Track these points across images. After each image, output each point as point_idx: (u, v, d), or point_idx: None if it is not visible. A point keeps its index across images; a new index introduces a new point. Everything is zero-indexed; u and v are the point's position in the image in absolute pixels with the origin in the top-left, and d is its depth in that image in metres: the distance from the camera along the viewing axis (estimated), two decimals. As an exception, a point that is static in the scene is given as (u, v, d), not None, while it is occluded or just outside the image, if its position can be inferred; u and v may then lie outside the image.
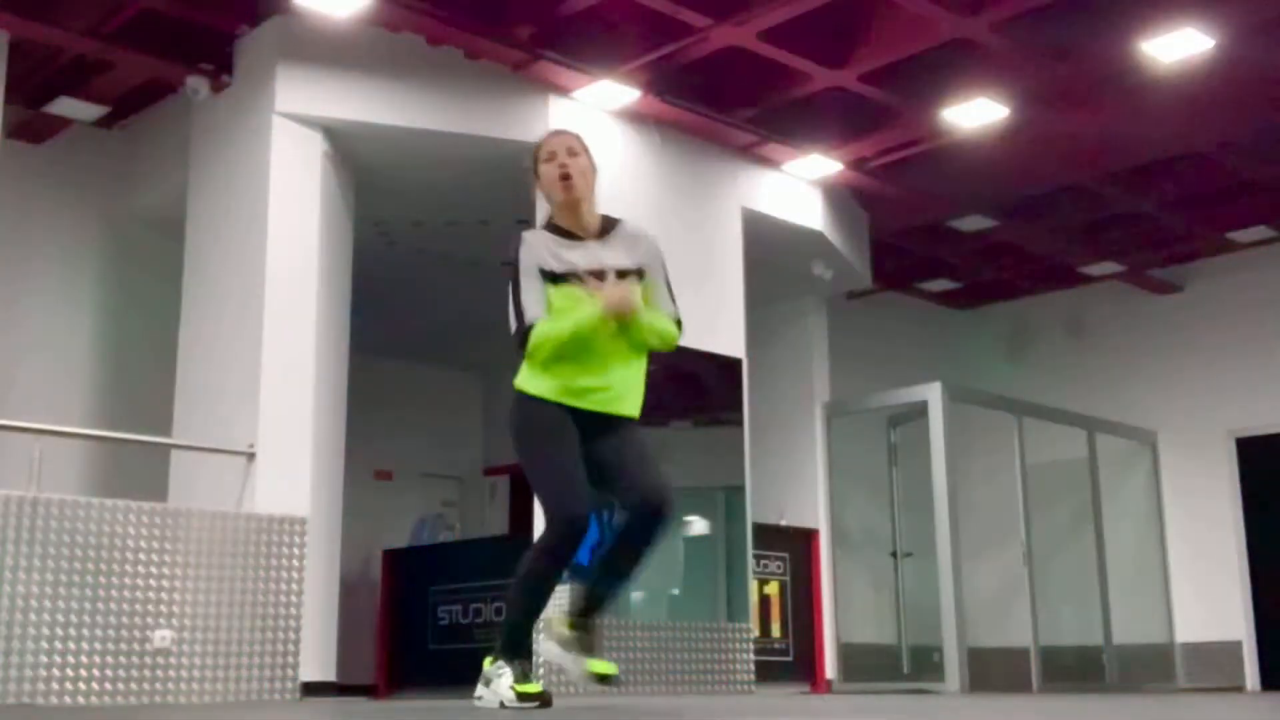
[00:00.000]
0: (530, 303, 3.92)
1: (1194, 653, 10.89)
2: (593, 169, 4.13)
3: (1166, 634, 11.01)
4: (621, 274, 3.98)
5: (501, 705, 3.87)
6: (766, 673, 8.43)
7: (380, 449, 11.10)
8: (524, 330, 3.90)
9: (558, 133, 4.24)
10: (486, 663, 4.00)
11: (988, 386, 10.95)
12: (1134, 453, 11.33)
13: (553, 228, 4.08)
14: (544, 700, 3.86)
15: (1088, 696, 7.77)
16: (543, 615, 4.01)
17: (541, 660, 4.02)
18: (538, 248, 3.98)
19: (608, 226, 4.10)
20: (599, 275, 3.94)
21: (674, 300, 4.15)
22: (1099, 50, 7.43)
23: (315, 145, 7.24)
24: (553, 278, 3.93)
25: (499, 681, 3.91)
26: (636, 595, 8.66)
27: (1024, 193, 9.72)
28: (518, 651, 3.96)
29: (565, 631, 3.94)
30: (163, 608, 6.07)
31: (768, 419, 9.28)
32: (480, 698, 3.97)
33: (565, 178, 4.03)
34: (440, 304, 10.63)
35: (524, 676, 3.91)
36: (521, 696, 3.84)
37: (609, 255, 4.02)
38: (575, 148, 4.09)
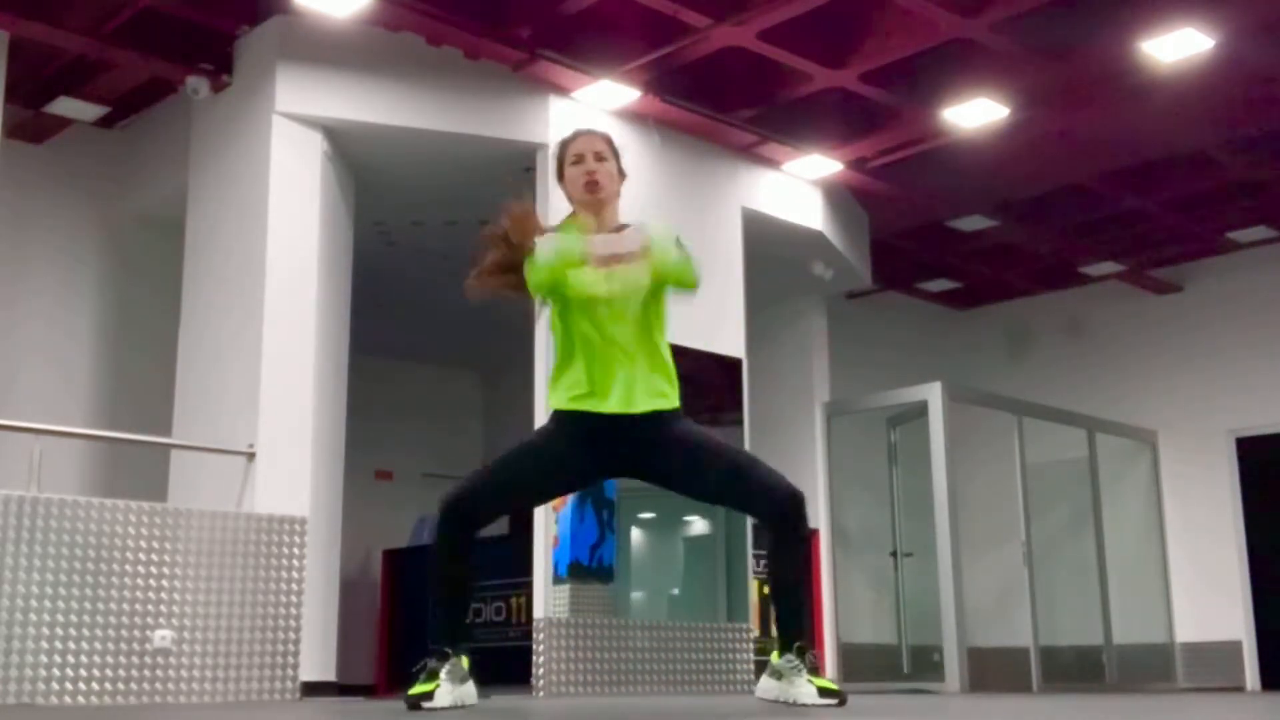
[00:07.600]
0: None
1: (1194, 653, 10.88)
2: (620, 175, 4.05)
3: (1166, 634, 11.00)
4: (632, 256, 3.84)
5: None
6: (766, 673, 8.42)
7: (380, 449, 11.10)
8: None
9: (587, 134, 4.08)
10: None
11: (988, 386, 10.94)
12: (1134, 453, 11.32)
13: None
14: (412, 704, 3.66)
15: (1088, 696, 7.77)
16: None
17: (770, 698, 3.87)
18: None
19: (621, 228, 3.99)
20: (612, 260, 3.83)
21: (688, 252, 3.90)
22: (1099, 50, 7.43)
23: (315, 145, 7.23)
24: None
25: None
26: (636, 595, 8.66)
27: (1024, 193, 9.72)
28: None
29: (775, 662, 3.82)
30: (163, 608, 6.06)
31: (768, 419, 9.27)
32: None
33: (591, 185, 3.95)
34: (440, 304, 10.58)
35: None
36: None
37: (622, 245, 3.88)
38: (604, 152, 3.99)
